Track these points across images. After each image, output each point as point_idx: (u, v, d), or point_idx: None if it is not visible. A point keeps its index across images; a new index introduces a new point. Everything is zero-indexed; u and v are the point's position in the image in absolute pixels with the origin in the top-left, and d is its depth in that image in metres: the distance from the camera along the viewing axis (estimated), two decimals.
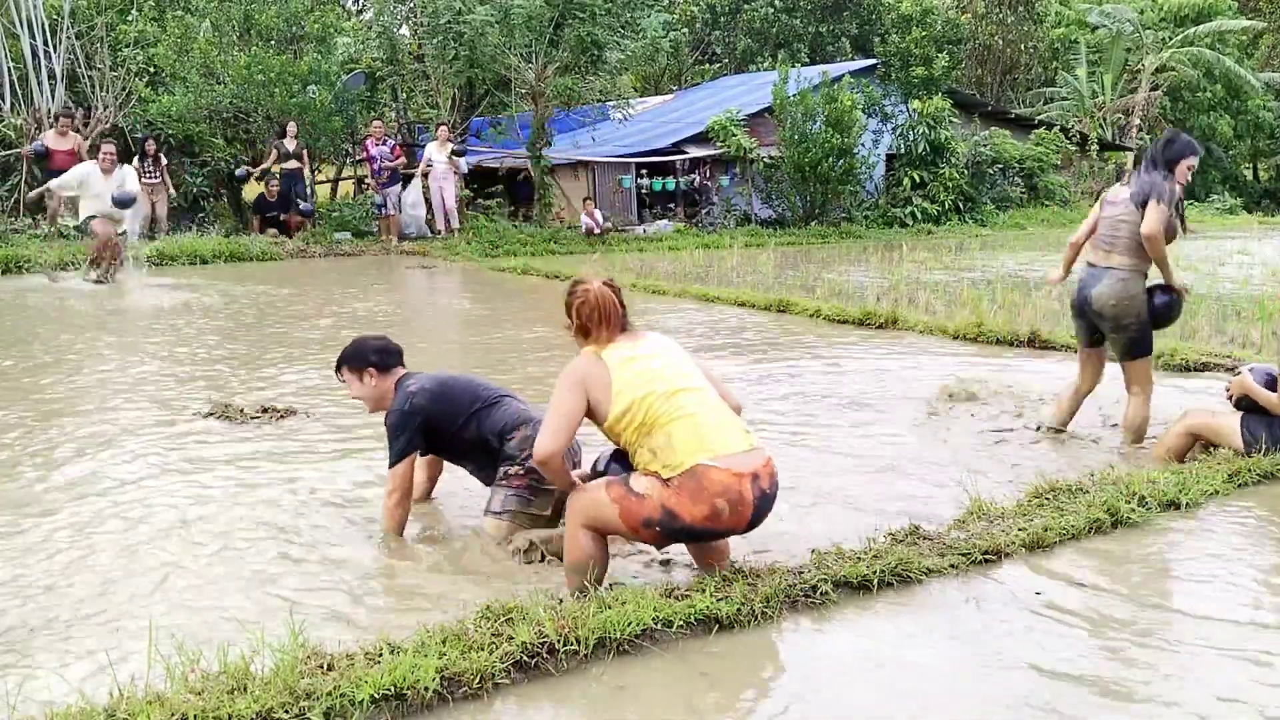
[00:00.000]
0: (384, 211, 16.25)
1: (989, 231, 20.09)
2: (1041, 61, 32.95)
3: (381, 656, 2.61)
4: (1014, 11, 30.70)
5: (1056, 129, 24.19)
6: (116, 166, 10.88)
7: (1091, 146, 25.04)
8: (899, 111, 20.52)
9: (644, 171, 19.77)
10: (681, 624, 2.87)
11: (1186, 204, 5.68)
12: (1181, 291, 4.96)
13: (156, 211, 14.95)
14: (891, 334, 8.24)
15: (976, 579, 3.31)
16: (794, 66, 20.36)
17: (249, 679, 2.48)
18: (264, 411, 5.62)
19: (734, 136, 19.40)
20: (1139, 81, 29.15)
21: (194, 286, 11.20)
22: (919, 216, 20.34)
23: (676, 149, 19.84)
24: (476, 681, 2.57)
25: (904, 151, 20.62)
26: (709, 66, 31.70)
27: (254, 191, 17.62)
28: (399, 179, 16.45)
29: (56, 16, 16.13)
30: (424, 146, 17.65)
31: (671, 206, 20.28)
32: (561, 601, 2.95)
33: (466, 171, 17.59)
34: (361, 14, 24.13)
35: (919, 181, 20.60)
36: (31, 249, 12.82)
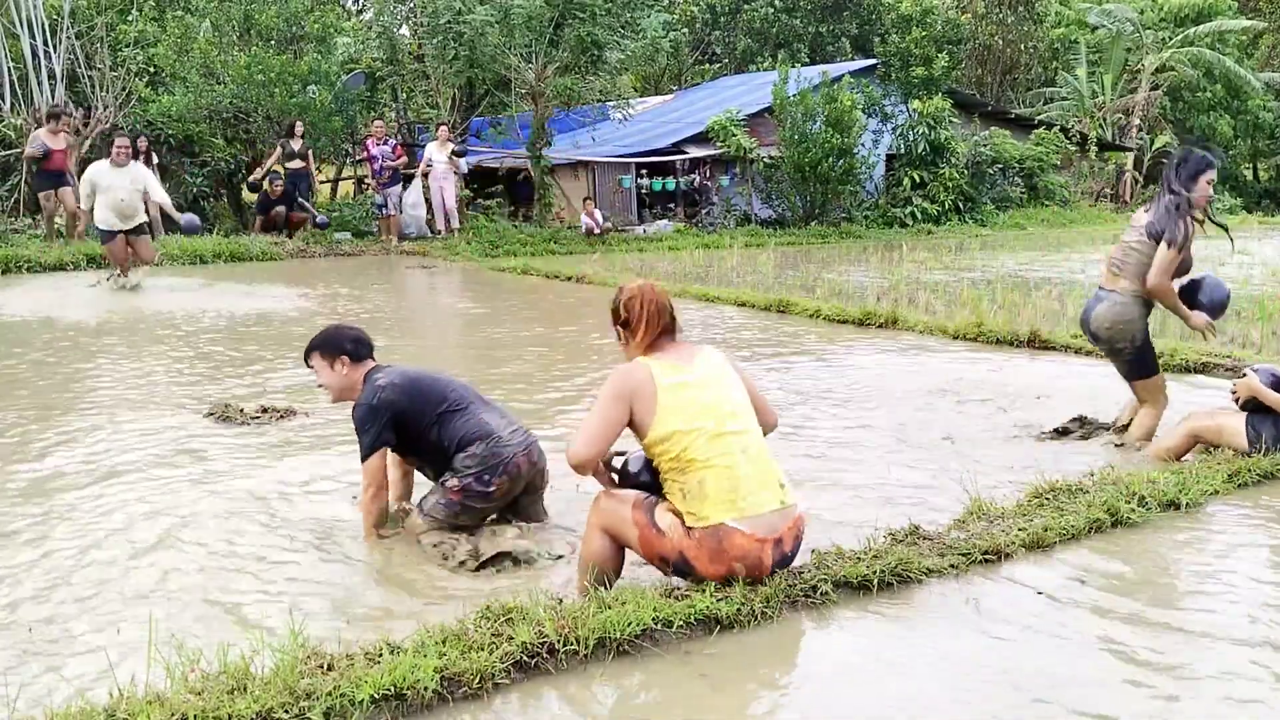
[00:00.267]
0: (384, 211, 16.24)
1: (989, 231, 20.10)
2: (1041, 61, 32.94)
3: (381, 656, 2.61)
4: (1014, 11, 30.70)
5: (1056, 129, 24.20)
6: (131, 161, 10.84)
7: (1091, 146, 25.06)
8: (899, 111, 20.52)
9: (644, 171, 19.77)
10: (681, 624, 2.87)
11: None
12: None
13: (150, 212, 14.89)
14: (891, 334, 8.24)
15: (976, 579, 3.31)
16: (794, 66, 20.37)
17: (249, 679, 2.48)
18: (264, 411, 5.62)
19: (734, 136, 19.40)
20: (1139, 81, 29.14)
21: (193, 288, 11.19)
22: (919, 216, 20.35)
23: (676, 149, 19.84)
24: (476, 681, 2.57)
25: (904, 151, 20.63)
26: (709, 66, 31.71)
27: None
28: (399, 179, 16.45)
29: (56, 16, 16.12)
30: (424, 146, 17.65)
31: (671, 206, 20.28)
32: (561, 601, 2.95)
33: (466, 171, 17.58)
34: (361, 14, 24.14)
35: (919, 181, 20.61)
36: (31, 249, 12.82)
